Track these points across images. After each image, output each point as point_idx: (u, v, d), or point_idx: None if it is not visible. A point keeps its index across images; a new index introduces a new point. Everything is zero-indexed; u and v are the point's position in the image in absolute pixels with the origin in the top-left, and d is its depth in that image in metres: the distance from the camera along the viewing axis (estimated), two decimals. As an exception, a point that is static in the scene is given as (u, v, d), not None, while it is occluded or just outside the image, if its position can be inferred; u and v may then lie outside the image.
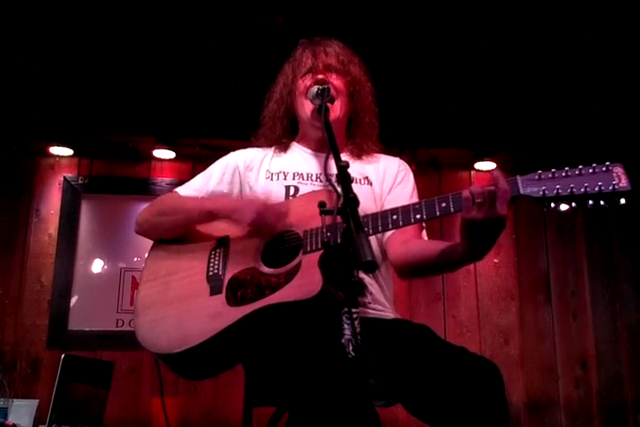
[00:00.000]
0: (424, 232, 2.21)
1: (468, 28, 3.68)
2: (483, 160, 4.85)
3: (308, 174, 2.25)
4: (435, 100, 4.26)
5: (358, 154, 2.33)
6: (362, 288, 2.03)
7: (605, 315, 4.81)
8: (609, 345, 4.74)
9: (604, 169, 1.61)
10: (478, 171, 4.95)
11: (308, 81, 2.26)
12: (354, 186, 1.61)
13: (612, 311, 4.82)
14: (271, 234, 1.98)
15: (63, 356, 3.10)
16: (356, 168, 2.24)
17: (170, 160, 4.74)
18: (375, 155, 2.37)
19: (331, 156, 1.78)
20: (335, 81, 2.26)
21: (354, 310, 1.46)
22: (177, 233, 2.16)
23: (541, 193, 1.65)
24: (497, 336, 4.68)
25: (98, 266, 4.56)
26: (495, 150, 4.80)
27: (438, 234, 4.39)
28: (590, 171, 1.63)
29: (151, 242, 2.25)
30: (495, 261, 4.82)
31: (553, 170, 1.67)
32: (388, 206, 2.20)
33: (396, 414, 4.07)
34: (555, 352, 4.70)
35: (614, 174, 1.60)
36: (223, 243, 2.05)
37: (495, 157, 4.82)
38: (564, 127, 4.53)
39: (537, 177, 1.67)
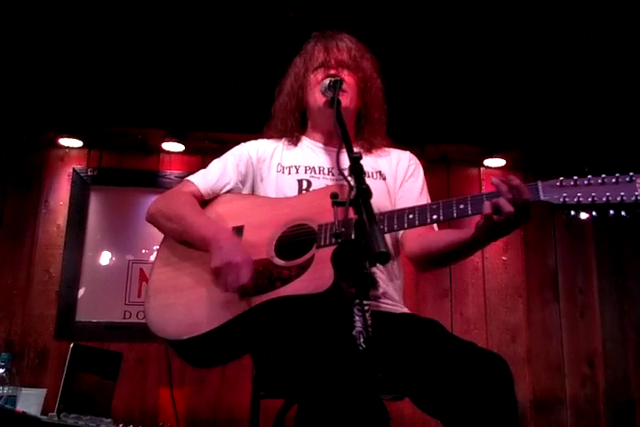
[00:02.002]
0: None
1: (480, 24, 3.66)
2: (492, 157, 4.82)
3: (319, 168, 2.25)
4: (445, 95, 4.24)
5: (368, 148, 2.34)
6: (373, 281, 2.03)
7: (613, 313, 4.78)
8: (616, 344, 4.72)
9: (627, 179, 1.61)
10: (487, 167, 4.92)
11: (319, 75, 2.26)
12: (367, 180, 1.61)
13: (620, 310, 4.79)
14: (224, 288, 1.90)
15: (72, 345, 3.10)
16: (367, 162, 2.23)
17: (179, 153, 4.73)
18: (385, 149, 2.38)
19: (342, 149, 1.78)
20: (347, 77, 2.26)
21: (365, 302, 1.46)
22: (175, 238, 2.17)
23: (562, 200, 1.64)
24: (504, 333, 4.67)
25: (106, 258, 4.56)
26: (505, 147, 4.78)
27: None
28: (613, 180, 1.61)
29: (160, 234, 2.27)
30: (503, 258, 4.81)
31: (575, 177, 1.66)
32: (399, 202, 2.22)
33: (402, 409, 4.06)
34: (562, 350, 4.68)
35: (637, 185, 1.59)
36: (237, 232, 2.05)
37: (505, 153, 4.80)
38: (574, 124, 4.50)
39: (558, 183, 1.67)
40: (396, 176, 2.30)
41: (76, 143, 4.62)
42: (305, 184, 2.20)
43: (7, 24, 3.62)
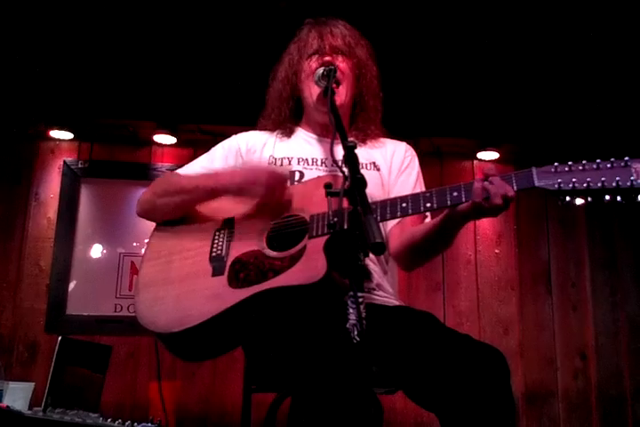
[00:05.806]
0: (427, 220, 2.18)
1: (474, 16, 3.65)
2: (485, 150, 4.80)
3: (312, 159, 2.22)
4: (438, 88, 4.23)
5: (363, 139, 2.30)
6: (367, 273, 2.01)
7: (606, 307, 4.78)
8: (608, 337, 4.72)
9: (622, 164, 1.58)
10: (481, 160, 4.90)
11: (314, 63, 2.22)
12: (361, 171, 1.58)
13: (612, 303, 4.80)
14: (281, 209, 1.96)
15: (60, 338, 3.07)
16: (361, 153, 2.18)
17: (170, 145, 4.70)
18: (380, 139, 2.35)
19: (337, 140, 1.75)
20: (341, 63, 2.22)
21: (359, 294, 1.43)
22: (180, 213, 2.13)
23: (557, 186, 1.62)
24: (496, 326, 4.66)
25: (97, 251, 4.53)
26: (499, 140, 4.76)
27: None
28: (608, 165, 1.59)
29: (151, 226, 2.23)
30: (496, 251, 4.80)
31: (570, 163, 1.63)
32: (393, 194, 2.19)
33: (394, 402, 4.06)
34: (554, 343, 4.68)
35: (633, 170, 1.57)
36: (228, 224, 2.03)
37: (498, 147, 4.78)
38: (568, 118, 4.49)
39: (553, 169, 1.64)
40: (391, 168, 2.27)
41: (66, 135, 4.58)
42: (297, 176, 2.17)
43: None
